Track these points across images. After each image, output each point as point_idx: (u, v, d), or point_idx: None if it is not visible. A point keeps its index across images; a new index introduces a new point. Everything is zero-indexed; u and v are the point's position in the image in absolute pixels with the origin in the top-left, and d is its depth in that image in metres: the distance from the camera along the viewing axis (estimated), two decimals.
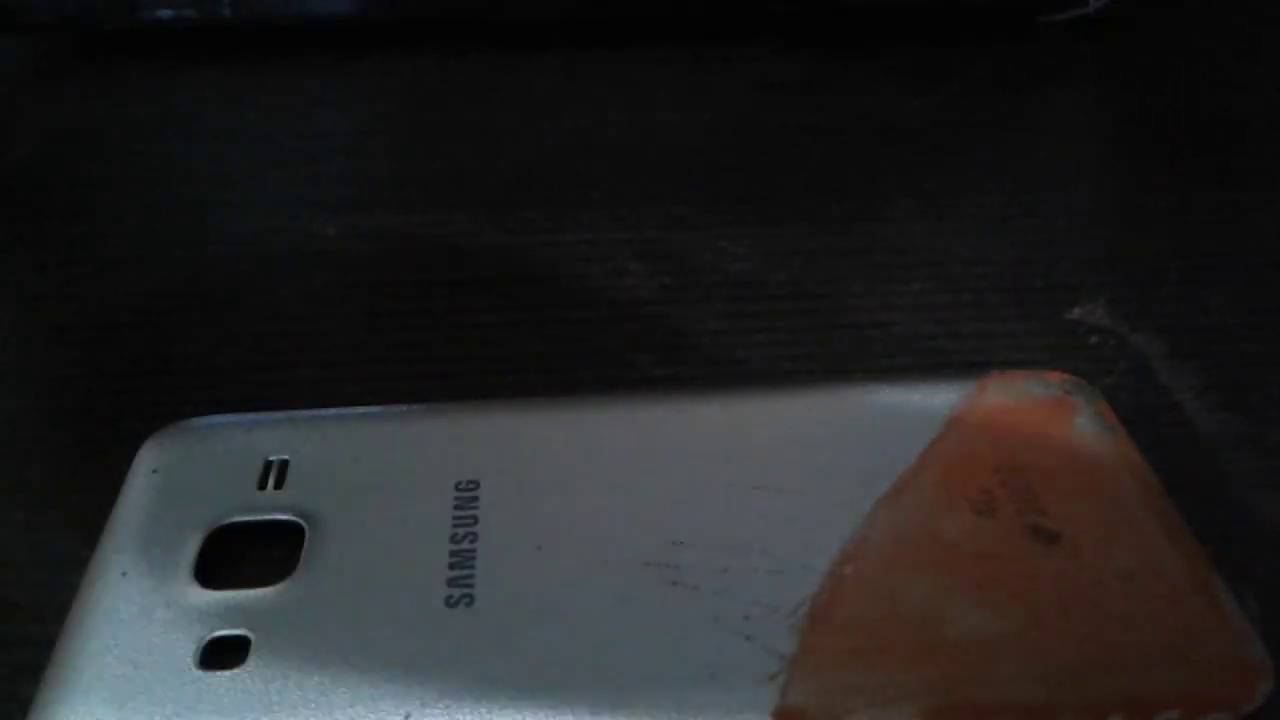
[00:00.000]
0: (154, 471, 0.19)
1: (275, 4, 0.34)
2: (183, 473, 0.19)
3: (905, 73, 0.34)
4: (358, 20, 0.35)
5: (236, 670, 0.16)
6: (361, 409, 0.21)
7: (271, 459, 0.20)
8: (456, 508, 0.19)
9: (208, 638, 0.17)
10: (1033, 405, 0.20)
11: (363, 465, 0.19)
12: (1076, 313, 0.24)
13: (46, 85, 0.35)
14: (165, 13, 0.34)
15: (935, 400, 0.20)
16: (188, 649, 0.17)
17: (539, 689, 0.16)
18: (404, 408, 0.21)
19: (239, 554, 0.19)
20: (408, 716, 0.16)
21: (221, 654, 0.17)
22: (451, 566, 0.18)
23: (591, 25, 0.36)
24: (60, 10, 0.34)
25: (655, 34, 0.36)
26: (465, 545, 0.18)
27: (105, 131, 0.32)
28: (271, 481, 0.19)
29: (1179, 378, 0.23)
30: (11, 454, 0.21)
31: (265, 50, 0.35)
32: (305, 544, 0.18)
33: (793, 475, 0.19)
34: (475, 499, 0.19)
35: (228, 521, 0.19)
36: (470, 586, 0.17)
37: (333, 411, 0.21)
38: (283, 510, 0.19)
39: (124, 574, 0.18)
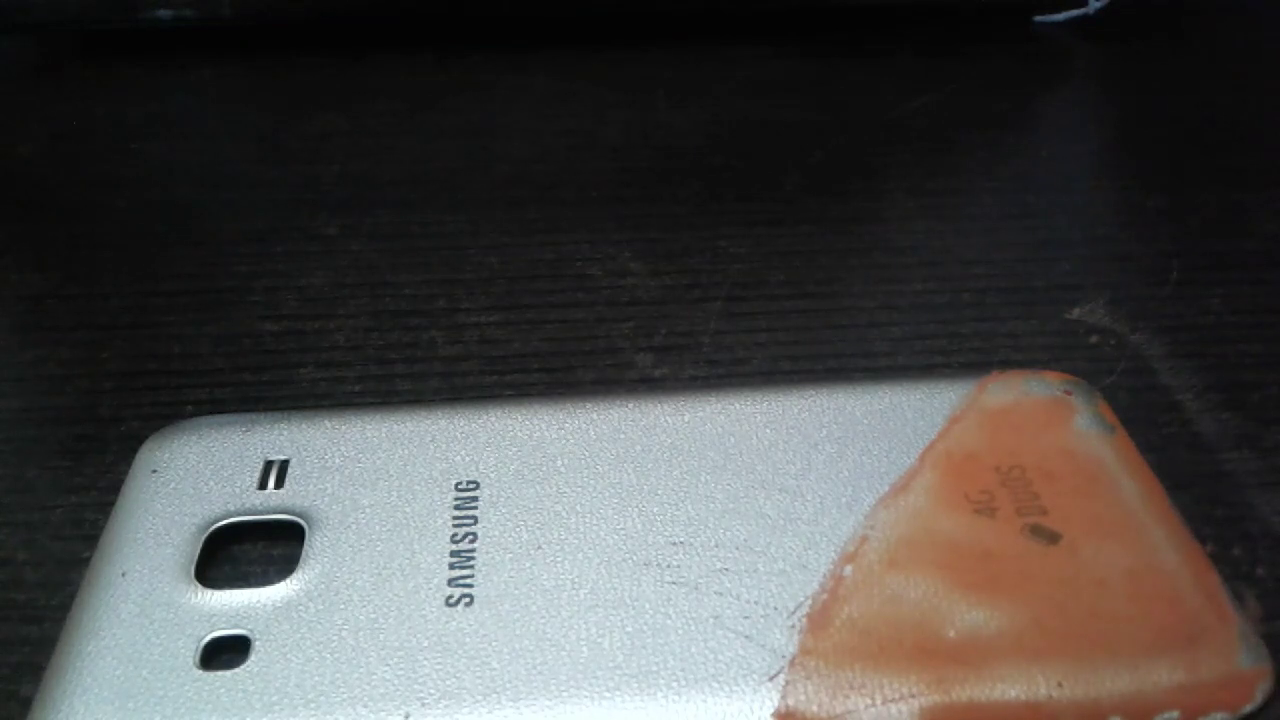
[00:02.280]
0: (154, 471, 0.19)
1: (275, 4, 0.34)
2: (183, 472, 0.19)
3: (905, 73, 0.34)
4: (357, 20, 0.35)
5: (237, 670, 0.16)
6: (361, 409, 0.21)
7: (271, 459, 0.20)
8: (457, 508, 0.19)
9: (208, 638, 0.17)
10: (1033, 405, 0.20)
11: (363, 465, 0.19)
12: (1076, 313, 0.24)
13: (46, 85, 0.35)
14: (165, 13, 0.34)
15: (935, 400, 0.20)
16: (188, 649, 0.17)
17: (539, 689, 0.16)
18: (404, 408, 0.21)
19: (239, 554, 0.19)
20: (407, 716, 0.16)
21: (222, 654, 0.17)
22: (452, 567, 0.18)
23: (591, 25, 0.36)
24: (60, 10, 0.33)
25: (655, 34, 0.36)
26: (465, 545, 0.18)
27: (105, 131, 0.32)
28: (272, 481, 0.19)
29: (1179, 378, 0.23)
30: (11, 454, 0.21)
31: (265, 50, 0.35)
32: (305, 544, 0.18)
33: (792, 475, 0.19)
34: (475, 499, 0.19)
35: (228, 521, 0.19)
36: (470, 587, 0.17)
37: (333, 411, 0.21)
38: (283, 510, 0.19)
39: (124, 574, 0.18)
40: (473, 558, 0.18)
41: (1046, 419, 0.20)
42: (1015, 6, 0.37)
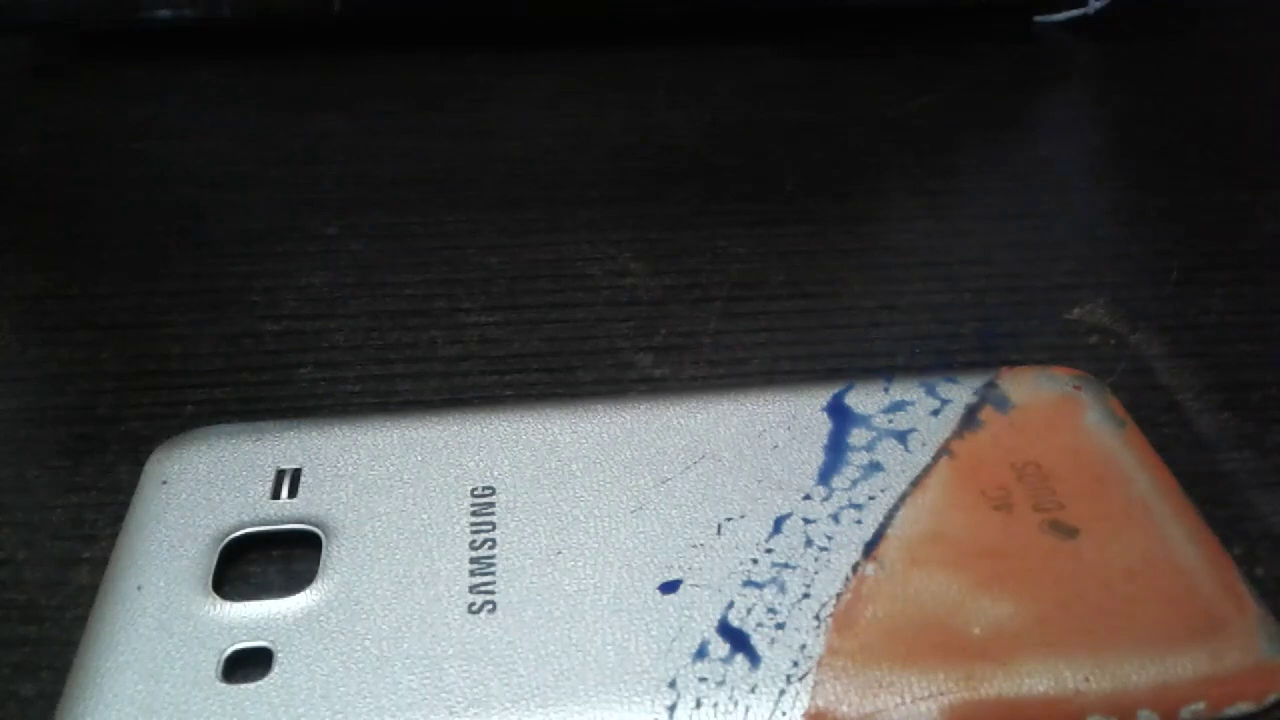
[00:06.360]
0: (164, 483, 0.19)
1: (275, 4, 0.34)
2: (194, 483, 0.19)
3: (905, 73, 0.34)
4: (358, 20, 0.35)
5: (261, 682, 0.16)
6: (370, 414, 0.21)
7: (284, 467, 0.19)
8: (474, 514, 0.19)
9: (229, 650, 0.17)
10: (1044, 401, 0.20)
11: (376, 471, 0.19)
12: (1076, 313, 0.24)
13: (46, 85, 0.35)
14: (165, 13, 0.34)
15: (947, 397, 0.20)
16: (210, 662, 0.16)
17: (567, 694, 0.16)
18: (413, 412, 0.21)
19: (256, 565, 0.19)
20: None
21: (244, 667, 0.17)
22: (472, 573, 0.17)
23: (591, 25, 0.36)
24: (60, 10, 0.33)
25: (655, 34, 0.36)
26: (485, 551, 0.18)
27: (105, 131, 0.32)
28: (285, 490, 0.19)
29: (1179, 378, 0.23)
30: (11, 454, 0.21)
31: (265, 50, 0.35)
32: (323, 553, 0.18)
33: (809, 475, 0.19)
34: (492, 505, 0.19)
35: (244, 532, 0.18)
36: (492, 593, 0.17)
37: (340, 417, 0.21)
38: (298, 519, 0.19)
39: (140, 587, 0.17)
40: (493, 564, 0.18)
41: (1058, 415, 0.20)
42: (1015, 6, 0.37)
